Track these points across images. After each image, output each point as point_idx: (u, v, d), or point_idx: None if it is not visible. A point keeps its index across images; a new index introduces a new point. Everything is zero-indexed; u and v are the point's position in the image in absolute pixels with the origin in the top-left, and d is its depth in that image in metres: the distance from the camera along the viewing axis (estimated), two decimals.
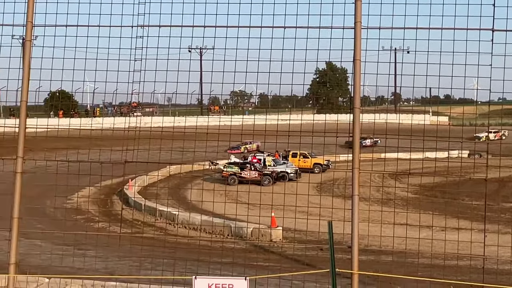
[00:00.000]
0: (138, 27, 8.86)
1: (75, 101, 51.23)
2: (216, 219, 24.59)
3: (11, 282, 8.35)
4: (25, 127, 8.43)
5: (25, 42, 8.52)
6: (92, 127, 10.74)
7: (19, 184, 8.42)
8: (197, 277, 7.34)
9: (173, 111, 57.96)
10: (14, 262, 8.38)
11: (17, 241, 8.44)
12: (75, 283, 9.78)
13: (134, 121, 10.84)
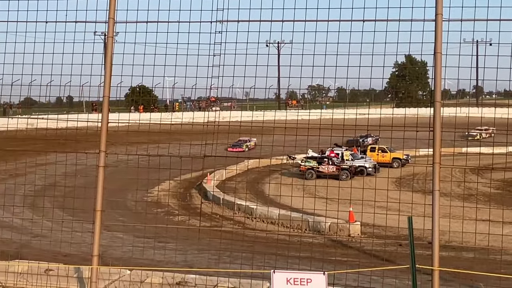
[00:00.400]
0: (217, 22, 8.93)
1: (155, 96, 52.07)
2: (294, 214, 24.60)
3: (94, 274, 8.53)
4: (107, 121, 8.60)
5: (107, 38, 8.69)
6: (172, 122, 10.87)
7: (102, 177, 8.59)
8: (275, 271, 7.34)
9: (251, 105, 58.27)
10: (97, 254, 8.55)
11: (99, 234, 8.61)
12: (155, 275, 9.93)
13: (213, 116, 10.91)
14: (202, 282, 9.51)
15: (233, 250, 10.45)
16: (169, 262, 13.65)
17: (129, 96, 32.96)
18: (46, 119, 11.23)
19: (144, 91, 27.66)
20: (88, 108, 69.41)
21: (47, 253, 16.47)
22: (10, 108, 67.68)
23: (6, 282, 9.61)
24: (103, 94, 8.64)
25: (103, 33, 9.86)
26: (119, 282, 9.65)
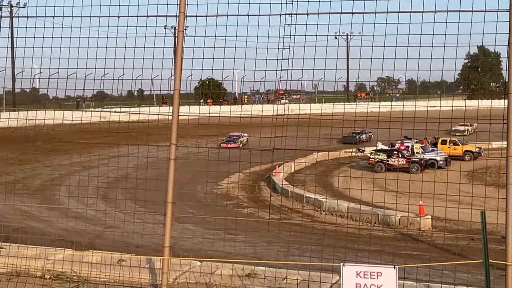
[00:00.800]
0: (286, 15, 8.91)
1: (224, 89, 52.52)
2: (363, 207, 24.44)
3: (165, 265, 8.66)
4: (178, 115, 8.70)
5: (177, 32, 8.78)
6: (241, 115, 10.92)
7: (173, 170, 8.69)
8: (345, 264, 7.31)
9: (319, 98, 58.02)
10: (168, 245, 8.66)
11: (170, 225, 8.72)
12: (225, 267, 10.01)
13: (282, 108, 10.90)
14: (272, 274, 9.53)
15: (302, 243, 10.45)
16: (238, 254, 13.74)
17: (198, 89, 33.35)
18: (119, 112, 11.44)
19: (213, 84, 27.91)
20: (159, 101, 70.47)
21: (120, 244, 16.81)
22: (83, 102, 69.24)
23: (80, 272, 9.84)
24: (173, 87, 8.73)
25: (173, 27, 9.96)
26: (190, 273, 9.76)
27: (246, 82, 11.64)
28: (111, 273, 9.71)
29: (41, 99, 59.10)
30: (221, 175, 12.32)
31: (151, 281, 9.57)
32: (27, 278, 9.76)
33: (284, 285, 9.27)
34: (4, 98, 46.14)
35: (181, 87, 8.77)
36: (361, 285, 7.18)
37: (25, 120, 17.18)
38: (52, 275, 9.87)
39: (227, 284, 9.37)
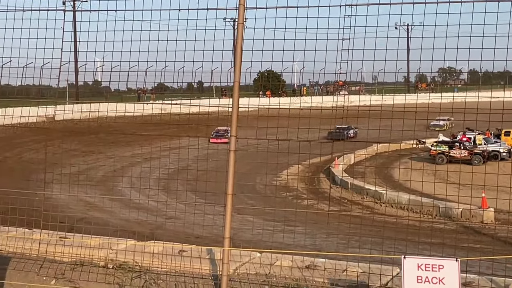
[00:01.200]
0: (346, 6, 8.85)
1: (283, 81, 52.35)
2: (424, 199, 24.15)
3: (225, 255, 8.72)
4: (238, 107, 8.74)
5: (237, 24, 8.81)
6: (300, 106, 10.90)
7: (233, 161, 8.74)
8: (406, 256, 7.25)
9: (379, 89, 57.47)
10: (228, 236, 8.72)
11: (230, 216, 8.77)
12: (285, 258, 10.03)
13: (342, 100, 10.84)
14: (332, 266, 9.51)
15: (362, 235, 10.39)
16: (298, 246, 13.76)
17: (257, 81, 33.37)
18: (179, 104, 11.55)
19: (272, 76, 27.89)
20: (218, 93, 70.87)
21: (180, 235, 17.00)
22: (144, 94, 70.12)
23: (142, 262, 9.99)
24: (233, 79, 8.77)
25: (233, 19, 10.01)
26: (250, 264, 9.81)
27: (305, 74, 11.63)
28: (172, 263, 9.83)
29: (103, 92, 60.07)
30: (281, 167, 12.34)
31: (212, 271, 9.66)
32: (90, 268, 9.96)
33: (344, 277, 9.24)
34: (68, 91, 47.02)
35: (240, 79, 8.81)
36: (422, 278, 7.11)
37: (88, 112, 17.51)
38: (115, 264, 10.06)
39: (287, 276, 9.39)
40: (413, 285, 7.16)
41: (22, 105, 12.01)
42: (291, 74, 11.11)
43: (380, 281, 9.09)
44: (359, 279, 9.16)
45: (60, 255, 10.35)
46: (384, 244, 10.44)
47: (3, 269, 10.01)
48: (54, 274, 9.83)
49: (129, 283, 9.46)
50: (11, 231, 11.31)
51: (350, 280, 9.17)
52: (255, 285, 9.20)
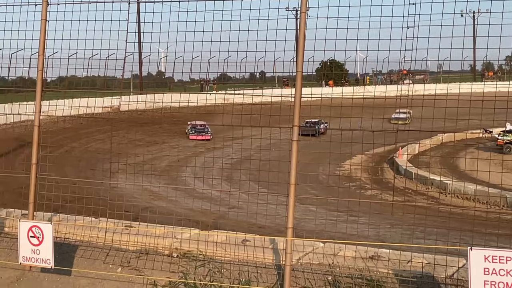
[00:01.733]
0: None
1: (346, 70, 51.94)
2: (491, 189, 23.69)
3: (288, 245, 8.72)
4: (300, 96, 8.71)
5: (300, 14, 8.78)
6: (364, 96, 10.79)
7: (295, 151, 8.72)
8: (472, 248, 7.12)
9: (444, 77, 56.49)
10: (291, 226, 8.72)
11: (293, 206, 8.76)
12: (348, 249, 9.98)
13: (405, 89, 10.69)
14: (396, 257, 9.42)
15: (427, 226, 10.22)
16: (361, 236, 13.63)
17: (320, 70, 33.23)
18: (242, 94, 11.58)
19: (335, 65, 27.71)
20: (280, 83, 70.84)
21: (243, 224, 17.11)
22: (206, 84, 70.68)
23: (206, 251, 10.08)
24: (296, 69, 8.74)
25: (295, 8, 9.98)
26: (313, 254, 9.80)
27: (368, 63, 11.51)
28: (235, 253, 9.90)
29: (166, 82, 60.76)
30: (343, 157, 12.27)
31: (275, 261, 9.68)
32: (155, 256, 10.10)
33: (409, 268, 9.15)
34: (132, 81, 47.76)
35: (303, 68, 8.77)
36: (489, 270, 6.98)
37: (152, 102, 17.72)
38: (179, 253, 10.17)
39: (350, 266, 9.35)
40: (479, 276, 7.03)
41: (88, 96, 12.23)
42: (354, 63, 11.02)
43: (446, 272, 8.98)
44: (424, 270, 9.06)
45: (126, 244, 10.52)
46: (450, 235, 10.27)
47: (71, 257, 10.25)
48: (120, 262, 10.00)
49: (193, 272, 9.55)
50: (79, 220, 11.56)
51: (415, 271, 9.08)
52: (318, 275, 9.19)
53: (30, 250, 9.13)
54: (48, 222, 9.26)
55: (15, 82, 13.27)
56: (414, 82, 38.69)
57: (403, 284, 8.74)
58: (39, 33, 10.25)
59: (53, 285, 9.73)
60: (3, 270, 10.18)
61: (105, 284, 9.56)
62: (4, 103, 14.20)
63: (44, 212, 11.24)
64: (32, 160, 10.21)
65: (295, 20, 13.53)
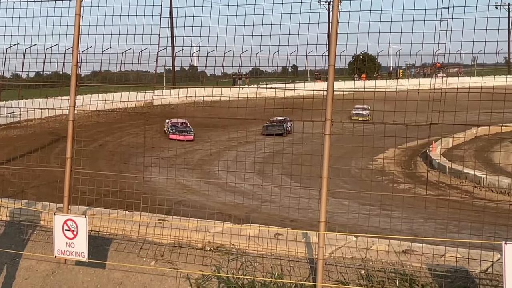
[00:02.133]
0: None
1: (379, 64, 51.62)
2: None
3: (321, 239, 8.72)
4: (333, 90, 8.68)
5: (332, 7, 8.75)
6: (397, 89, 10.72)
7: (328, 145, 8.70)
8: (507, 242, 7.05)
9: (478, 70, 55.88)
10: (323, 220, 8.71)
11: (326, 200, 8.75)
12: (381, 243, 9.94)
13: (439, 82, 10.60)
14: (429, 251, 9.37)
15: (461, 220, 10.14)
16: (394, 230, 13.55)
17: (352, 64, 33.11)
18: (274, 88, 11.58)
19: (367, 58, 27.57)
20: (312, 76, 70.65)
21: (275, 218, 17.13)
22: (239, 79, 70.84)
23: (238, 244, 10.12)
24: (328, 63, 8.72)
25: (327, 2, 9.93)
26: (345, 248, 9.78)
27: (401, 56, 11.44)
28: (268, 246, 9.92)
29: (199, 77, 60.97)
30: (376, 151, 12.18)
31: (307, 255, 9.68)
32: (188, 250, 10.16)
33: (443, 262, 9.10)
34: (165, 76, 47.98)
35: (335, 62, 8.75)
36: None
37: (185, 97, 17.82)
38: (212, 247, 10.22)
39: (383, 260, 9.32)
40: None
41: (121, 91, 12.32)
42: (386, 57, 10.96)
43: (480, 267, 8.90)
44: (458, 264, 9.00)
45: (159, 237, 10.60)
46: (484, 229, 10.18)
47: (105, 250, 10.35)
48: (153, 256, 10.08)
49: (226, 265, 9.60)
50: (112, 213, 11.67)
51: (448, 265, 9.02)
52: (351, 269, 9.17)
53: (65, 243, 9.25)
54: (83, 216, 9.36)
55: (49, 77, 13.43)
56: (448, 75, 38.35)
57: (437, 279, 8.69)
58: (73, 28, 10.36)
59: (88, 278, 9.85)
60: (38, 263, 10.34)
61: (139, 277, 9.65)
62: (39, 98, 14.35)
63: (79, 206, 11.38)
64: (67, 154, 10.34)
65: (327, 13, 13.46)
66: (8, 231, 11.41)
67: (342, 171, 21.90)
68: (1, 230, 11.38)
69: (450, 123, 9.54)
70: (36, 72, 13.73)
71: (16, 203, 11.91)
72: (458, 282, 8.62)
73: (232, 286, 9.05)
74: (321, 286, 8.63)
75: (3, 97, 44.84)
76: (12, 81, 17.43)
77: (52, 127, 33.74)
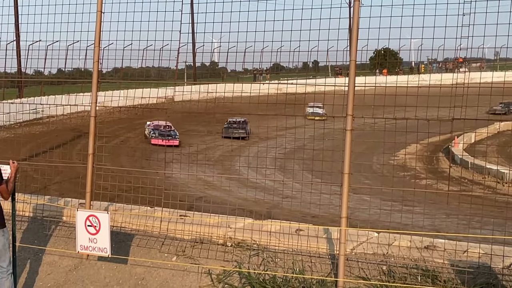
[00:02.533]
0: None
1: (400, 59, 51.30)
2: None
3: (342, 235, 8.70)
4: (354, 85, 8.65)
5: (353, 2, 8.70)
6: (418, 84, 10.66)
7: (349, 141, 8.68)
8: None
9: (501, 65, 55.33)
10: (345, 215, 8.69)
11: (347, 196, 8.73)
12: (403, 239, 9.91)
13: (461, 77, 10.52)
14: (452, 247, 9.32)
15: (483, 216, 10.07)
16: (416, 226, 13.52)
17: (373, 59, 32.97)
18: (295, 84, 11.56)
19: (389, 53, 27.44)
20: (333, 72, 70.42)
21: (297, 214, 17.09)
22: (260, 75, 70.76)
23: (260, 240, 10.13)
24: (349, 58, 8.68)
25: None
26: (367, 244, 9.76)
27: (423, 51, 11.36)
28: (289, 242, 9.92)
29: (219, 72, 61.03)
30: (398, 146, 12.15)
31: (329, 250, 9.67)
32: (210, 245, 10.19)
33: (465, 258, 9.04)
34: (186, 72, 48.12)
35: (356, 57, 8.71)
36: None
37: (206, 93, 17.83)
38: (233, 242, 10.23)
39: (405, 256, 9.29)
40: None
41: (142, 87, 12.37)
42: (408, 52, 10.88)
43: (503, 263, 8.84)
44: (481, 260, 8.94)
45: (181, 233, 10.64)
46: (507, 225, 10.12)
47: (127, 245, 10.41)
48: (175, 251, 10.12)
49: (247, 261, 9.61)
50: (134, 209, 11.73)
51: (471, 261, 8.97)
52: (373, 265, 9.15)
53: (87, 239, 9.30)
54: (105, 211, 9.41)
55: (71, 73, 13.50)
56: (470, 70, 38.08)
57: (459, 275, 8.64)
58: (94, 25, 10.41)
59: (110, 273, 9.90)
60: (61, 258, 10.41)
61: (160, 273, 9.69)
62: (61, 94, 14.46)
63: (101, 202, 11.44)
64: (89, 150, 10.40)
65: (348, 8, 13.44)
66: (31, 226, 11.51)
67: (364, 167, 21.79)
68: (24, 225, 11.48)
69: (472, 118, 9.47)
70: (58, 68, 13.83)
71: (39, 199, 12.01)
72: (480, 278, 8.56)
73: (254, 281, 9.05)
74: (342, 281, 8.61)
75: (25, 93, 45.21)
76: (34, 77, 17.56)
77: (74, 123, 34.00)
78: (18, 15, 12.44)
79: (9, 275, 8.65)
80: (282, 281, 8.99)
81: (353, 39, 8.61)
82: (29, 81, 21.56)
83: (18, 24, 12.52)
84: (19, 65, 19.31)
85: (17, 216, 9.75)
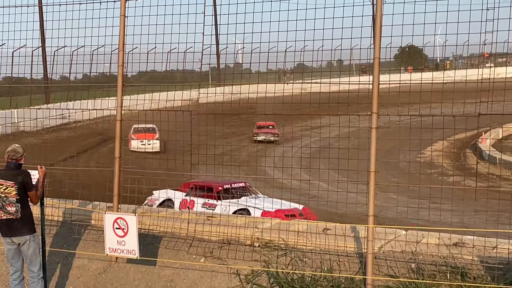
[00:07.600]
0: None
1: (425, 55, 50.83)
2: None
3: (370, 233, 8.68)
4: (378, 83, 8.62)
5: (376, 0, 8.68)
6: (444, 80, 10.59)
7: (375, 139, 8.66)
8: None
9: None
10: (372, 214, 8.67)
11: (374, 194, 8.71)
12: (431, 236, 9.86)
13: (487, 73, 10.44)
14: (481, 243, 9.26)
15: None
16: (444, 223, 13.40)
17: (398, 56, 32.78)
18: (319, 83, 11.55)
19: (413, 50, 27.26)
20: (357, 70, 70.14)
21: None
22: (284, 75, 70.76)
23: (287, 240, 10.13)
24: (373, 55, 8.66)
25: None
26: (395, 242, 9.72)
27: (448, 47, 11.29)
28: (316, 241, 9.91)
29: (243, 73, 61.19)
30: (424, 143, 12.06)
31: (356, 249, 9.65)
32: (237, 246, 10.21)
33: (494, 255, 8.97)
34: (210, 74, 48.23)
35: (380, 55, 8.68)
36: None
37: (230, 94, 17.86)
38: (261, 243, 10.25)
39: (434, 253, 9.23)
40: None
41: (167, 90, 12.42)
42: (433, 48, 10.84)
43: None
44: (511, 256, 8.86)
45: (208, 234, 10.67)
46: None
47: (155, 248, 10.47)
48: (203, 252, 10.16)
49: (275, 261, 9.62)
50: (162, 211, 11.79)
51: (500, 257, 8.90)
52: (401, 263, 9.11)
53: (116, 241, 9.38)
54: (133, 214, 9.49)
55: (97, 78, 13.60)
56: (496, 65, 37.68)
57: (489, 271, 8.58)
58: (118, 29, 10.48)
59: (139, 276, 9.97)
60: (90, 261, 10.50)
61: (189, 274, 9.74)
62: (87, 99, 14.59)
63: (128, 205, 11.52)
64: (115, 153, 10.48)
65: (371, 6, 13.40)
66: (60, 231, 11.62)
67: (390, 165, 21.68)
68: (53, 230, 11.59)
69: (499, 114, 9.39)
70: (84, 73, 13.94)
71: (67, 204, 12.12)
72: (510, 274, 8.49)
73: (282, 281, 9.06)
74: (371, 279, 8.60)
75: (52, 99, 45.58)
76: (60, 83, 17.72)
77: (100, 128, 34.19)
78: (43, 21, 12.57)
79: (40, 279, 8.76)
80: (310, 280, 8.99)
81: (377, 37, 8.58)
82: (55, 86, 21.73)
83: (44, 30, 12.65)
84: (45, 71, 19.50)
85: (46, 220, 9.86)
